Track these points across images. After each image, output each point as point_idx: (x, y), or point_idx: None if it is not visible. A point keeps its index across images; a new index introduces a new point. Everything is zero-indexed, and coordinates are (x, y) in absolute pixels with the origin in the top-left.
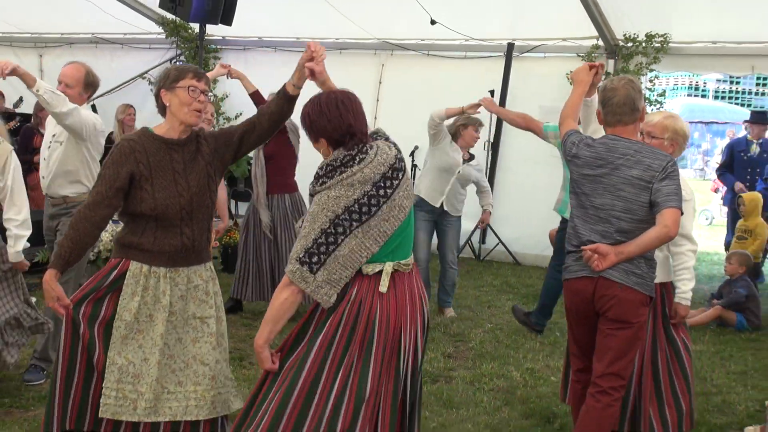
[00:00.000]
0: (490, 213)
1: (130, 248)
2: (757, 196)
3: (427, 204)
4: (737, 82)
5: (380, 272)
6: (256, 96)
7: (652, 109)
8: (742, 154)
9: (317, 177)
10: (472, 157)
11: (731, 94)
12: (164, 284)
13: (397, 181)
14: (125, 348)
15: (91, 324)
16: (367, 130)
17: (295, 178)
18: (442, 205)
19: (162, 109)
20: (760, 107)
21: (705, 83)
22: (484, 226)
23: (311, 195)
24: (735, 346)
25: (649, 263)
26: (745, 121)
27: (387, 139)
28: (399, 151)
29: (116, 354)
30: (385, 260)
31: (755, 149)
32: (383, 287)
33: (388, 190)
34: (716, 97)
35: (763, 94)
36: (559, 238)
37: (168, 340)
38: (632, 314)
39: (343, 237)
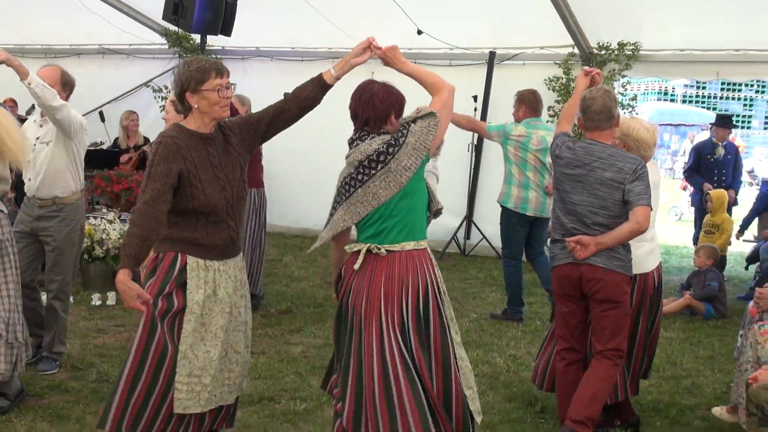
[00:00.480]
0: None
1: (184, 243)
2: (723, 193)
3: None
4: (703, 87)
5: (359, 251)
6: None
7: (624, 113)
8: (709, 156)
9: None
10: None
11: (698, 99)
12: (218, 277)
13: (374, 171)
14: (194, 341)
15: (163, 320)
16: (377, 120)
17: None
18: None
19: (188, 110)
20: (725, 110)
21: (674, 88)
22: None
23: None
24: (703, 333)
25: (626, 248)
26: (711, 124)
27: (405, 129)
28: (393, 145)
29: (188, 348)
30: (367, 242)
31: (720, 152)
32: (356, 265)
33: (364, 177)
34: (684, 101)
35: (727, 98)
36: (503, 227)
37: (226, 331)
38: (617, 294)
39: (338, 205)
